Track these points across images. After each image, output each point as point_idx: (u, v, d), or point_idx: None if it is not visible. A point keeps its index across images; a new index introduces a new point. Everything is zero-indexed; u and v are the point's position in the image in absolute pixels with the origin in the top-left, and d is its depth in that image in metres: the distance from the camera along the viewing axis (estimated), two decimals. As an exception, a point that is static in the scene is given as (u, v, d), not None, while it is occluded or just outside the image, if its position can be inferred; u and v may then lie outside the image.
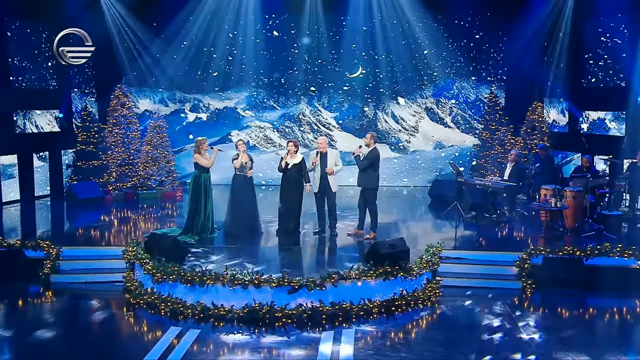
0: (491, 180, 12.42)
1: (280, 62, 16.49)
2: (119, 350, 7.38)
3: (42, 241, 10.03)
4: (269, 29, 16.31)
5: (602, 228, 10.76)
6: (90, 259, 10.12)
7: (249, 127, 16.87)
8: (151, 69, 16.33)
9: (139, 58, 16.09)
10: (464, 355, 7.07)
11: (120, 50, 15.85)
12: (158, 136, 15.37)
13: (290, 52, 16.37)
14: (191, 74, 16.53)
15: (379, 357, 7.10)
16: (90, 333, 7.94)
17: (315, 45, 16.27)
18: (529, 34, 14.84)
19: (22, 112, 14.76)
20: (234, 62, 16.48)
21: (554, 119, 15.50)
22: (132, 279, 9.15)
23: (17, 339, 7.65)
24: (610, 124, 13.67)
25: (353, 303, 8.19)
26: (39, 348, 7.33)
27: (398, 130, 16.75)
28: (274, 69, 16.54)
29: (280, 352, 7.24)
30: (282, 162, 10.65)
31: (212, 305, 8.06)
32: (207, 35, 16.06)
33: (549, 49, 14.92)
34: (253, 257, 9.79)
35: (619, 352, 7.19)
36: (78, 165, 15.12)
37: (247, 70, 16.54)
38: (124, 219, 13.05)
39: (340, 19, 16.15)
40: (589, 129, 14.22)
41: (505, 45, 15.63)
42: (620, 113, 13.40)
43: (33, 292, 9.35)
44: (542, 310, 8.59)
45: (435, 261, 9.52)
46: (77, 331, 7.97)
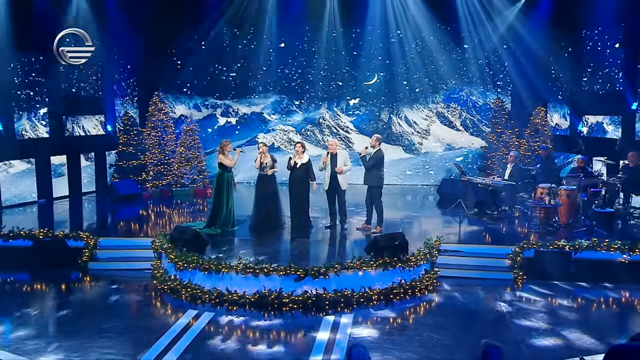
0: (492, 179, 12.44)
1: (302, 71, 16.58)
2: (144, 327, 7.64)
3: (82, 232, 10.25)
4: (292, 40, 16.40)
5: (594, 224, 10.71)
6: (123, 248, 10.29)
7: (274, 130, 16.97)
8: (186, 78, 16.63)
9: (175, 68, 16.40)
10: (455, 338, 7.18)
11: (158, 61, 16.09)
12: (191, 139, 15.55)
13: (311, 62, 16.45)
14: (222, 82, 16.75)
15: (374, 336, 7.30)
16: (120, 312, 8.17)
17: (334, 54, 16.32)
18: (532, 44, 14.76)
19: (71, 117, 14.96)
20: (260, 71, 16.65)
21: (557, 122, 15.33)
22: (158, 267, 9.36)
23: (59, 316, 8.11)
24: (607, 127, 13.52)
25: (354, 291, 8.33)
26: (77, 323, 7.74)
27: (411, 133, 16.71)
28: (296, 77, 16.64)
29: (287, 333, 7.43)
30: (291, 162, 10.79)
31: (227, 291, 8.26)
32: (234, 46, 16.37)
33: (550, 57, 14.78)
34: (266, 248, 9.92)
35: (606, 335, 7.24)
36: (119, 164, 15.32)
37: (272, 78, 16.70)
38: (159, 213, 13.30)
39: (357, 31, 16.20)
40: (588, 132, 14.07)
41: (511, 54, 15.48)
42: (616, 117, 13.27)
43: (73, 278, 9.60)
44: (532, 301, 8.60)
45: (434, 253, 9.60)
46: (109, 310, 8.21)
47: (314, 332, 7.41)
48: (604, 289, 9.05)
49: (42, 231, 10.23)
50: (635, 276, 9.13)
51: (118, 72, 15.91)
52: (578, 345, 6.96)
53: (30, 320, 7.85)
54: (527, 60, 14.96)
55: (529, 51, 14.87)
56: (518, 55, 15.17)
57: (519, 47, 15.08)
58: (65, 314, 8.15)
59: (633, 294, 8.82)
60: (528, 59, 14.94)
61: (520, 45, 15.03)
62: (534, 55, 14.83)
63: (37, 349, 6.87)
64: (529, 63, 14.94)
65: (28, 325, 7.64)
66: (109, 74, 15.59)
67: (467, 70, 16.08)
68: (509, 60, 15.53)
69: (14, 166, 13.76)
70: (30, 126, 14.08)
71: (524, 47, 14.96)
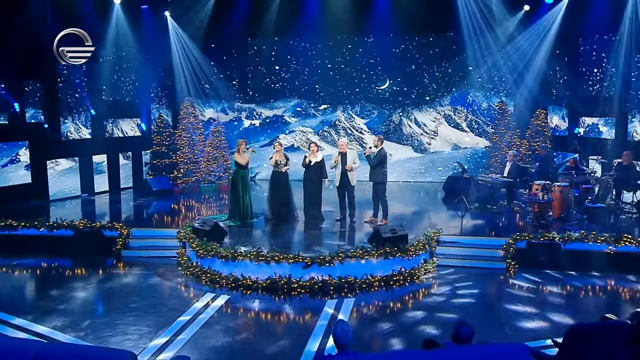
0: (491, 177, 12.50)
1: (319, 77, 16.73)
2: (167, 306, 7.95)
3: (117, 223, 10.57)
4: (310, 49, 16.60)
5: (585, 218, 10.72)
6: (153, 238, 10.58)
7: (294, 132, 17.19)
8: (214, 85, 16.90)
9: (203, 76, 16.62)
10: (447, 319, 7.31)
11: (187, 69, 16.30)
12: (218, 139, 15.79)
13: (327, 68, 16.60)
14: (247, 88, 17.05)
15: (372, 316, 7.52)
16: (147, 294, 8.45)
17: (348, 62, 16.47)
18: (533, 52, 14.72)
19: (110, 120, 15.27)
20: (281, 78, 16.91)
21: (556, 124, 15.25)
22: (183, 254, 9.64)
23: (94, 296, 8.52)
24: (602, 128, 13.44)
25: (357, 277, 8.49)
26: (109, 303, 8.15)
27: (420, 134, 16.77)
28: (314, 83, 16.80)
29: (295, 315, 7.68)
30: (306, 160, 10.95)
31: (242, 277, 8.51)
32: (258, 55, 16.64)
33: (550, 64, 14.72)
34: (280, 239, 10.12)
35: (589, 319, 7.17)
36: (153, 163, 15.56)
37: (292, 84, 16.94)
38: (188, 207, 13.53)
39: (371, 40, 16.32)
40: (585, 133, 14.00)
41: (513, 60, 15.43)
42: (610, 119, 13.19)
43: (108, 264, 9.92)
44: (522, 287, 8.68)
45: (432, 244, 9.74)
46: (138, 292, 8.51)
47: (319, 313, 7.62)
48: (591, 277, 9.07)
49: (82, 222, 10.60)
50: (619, 266, 9.15)
51: (153, 79, 16.19)
52: (561, 327, 6.96)
53: (69, 299, 8.27)
54: (528, 66, 14.89)
55: (529, 58, 14.82)
56: (519, 61, 15.10)
57: (520, 54, 15.01)
58: (99, 295, 8.57)
59: (618, 282, 8.85)
60: (528, 64, 14.88)
61: (521, 52, 14.96)
62: (534, 61, 14.76)
63: (74, 324, 7.27)
64: (530, 68, 14.87)
65: (67, 304, 8.06)
66: (145, 81, 15.86)
67: (472, 75, 16.05)
68: (511, 66, 15.45)
69: (60, 164, 14.18)
70: (75, 128, 14.51)
71: (525, 54, 14.90)
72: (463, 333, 4.69)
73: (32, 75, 13.33)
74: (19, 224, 10.65)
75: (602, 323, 4.82)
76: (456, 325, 4.77)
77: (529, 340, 6.38)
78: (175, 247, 10.03)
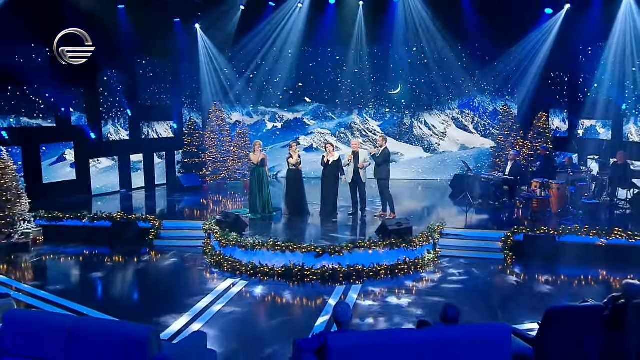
0: (494, 174, 12.52)
1: (336, 83, 16.83)
2: (193, 289, 8.27)
3: (150, 216, 10.91)
4: (328, 58, 16.72)
5: (581, 213, 10.69)
6: (182, 229, 10.83)
7: (313, 133, 17.32)
8: (239, 90, 17.13)
9: (228, 81, 16.86)
10: (443, 301, 7.35)
11: (215, 75, 16.60)
12: (243, 140, 16.14)
13: (344, 75, 16.69)
14: (270, 94, 17.21)
15: (376, 300, 7.66)
16: (176, 279, 8.82)
17: (363, 69, 16.54)
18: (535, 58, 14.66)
19: (146, 123, 15.52)
20: (302, 84, 17.06)
21: (557, 126, 15.11)
22: (208, 244, 9.88)
23: (128, 280, 8.88)
24: (600, 130, 13.31)
25: (364, 266, 8.62)
26: (142, 285, 8.50)
27: (430, 135, 16.77)
28: (332, 88, 16.90)
29: (307, 299, 7.89)
30: (324, 159, 11.06)
31: (260, 265, 8.71)
32: (280, 64, 16.82)
33: (551, 69, 14.61)
34: (295, 230, 10.29)
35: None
36: (185, 161, 15.87)
37: (311, 89, 17.09)
38: (215, 202, 13.75)
39: (384, 48, 16.35)
40: (584, 134, 13.89)
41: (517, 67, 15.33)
42: (607, 121, 13.08)
43: (142, 252, 10.24)
44: (520, 276, 8.76)
45: (435, 236, 9.83)
46: (168, 277, 8.87)
47: (329, 297, 7.81)
48: (584, 267, 9.03)
49: (119, 214, 10.98)
50: (610, 257, 9.16)
51: (184, 85, 16.49)
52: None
53: (106, 282, 8.66)
54: (531, 71, 14.80)
55: (532, 64, 14.73)
56: (522, 67, 15.01)
57: (523, 60, 14.92)
58: (133, 278, 8.92)
59: (609, 272, 8.84)
60: (531, 70, 14.78)
61: (524, 58, 14.88)
62: (536, 67, 14.68)
63: (110, 303, 7.62)
64: (532, 74, 14.78)
65: (105, 286, 8.44)
66: (177, 87, 16.19)
67: (479, 80, 16.01)
68: (515, 71, 15.35)
69: (101, 163, 14.58)
70: (114, 130, 14.90)
71: (527, 60, 14.81)
72: (450, 314, 4.85)
73: (76, 83, 13.74)
74: (65, 216, 11.07)
75: (577, 305, 4.91)
76: (444, 307, 4.93)
77: (518, 324, 6.47)
78: (202, 237, 10.26)
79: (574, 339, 4.61)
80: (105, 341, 4.64)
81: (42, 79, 12.75)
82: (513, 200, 12.34)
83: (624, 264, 9.02)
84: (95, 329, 4.81)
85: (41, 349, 4.82)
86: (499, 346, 4.47)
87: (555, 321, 4.64)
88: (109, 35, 13.66)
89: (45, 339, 4.80)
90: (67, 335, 4.68)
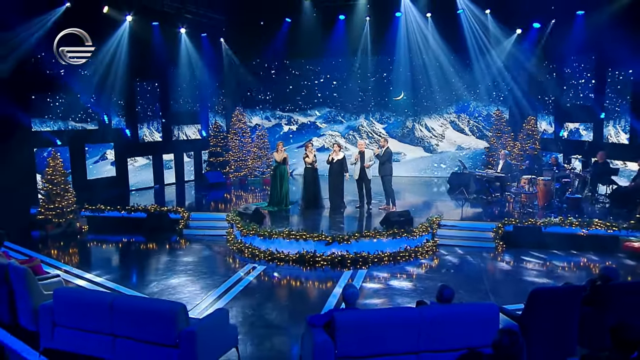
0: (487, 172, 12.46)
1: (345, 90, 16.85)
2: (217, 272, 8.35)
3: (180, 208, 11.01)
4: (337, 66, 16.71)
5: (565, 207, 10.62)
6: (208, 220, 10.88)
7: (324, 135, 17.35)
8: (258, 96, 17.29)
9: (249, 89, 17.04)
10: (440, 284, 7.44)
11: (238, 84, 16.79)
12: (262, 141, 16.19)
13: (353, 83, 16.70)
14: (286, 99, 17.32)
15: (380, 283, 7.69)
16: (202, 264, 8.79)
17: (370, 77, 16.55)
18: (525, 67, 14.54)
19: (177, 126, 15.63)
20: (314, 91, 17.08)
21: (544, 128, 14.98)
22: (230, 233, 9.96)
23: (160, 265, 8.96)
24: (582, 132, 13.17)
25: (369, 253, 8.68)
26: (172, 270, 8.53)
27: (429, 137, 16.70)
28: (341, 95, 16.90)
29: (319, 282, 7.95)
30: (329, 158, 11.09)
31: (276, 251, 8.79)
32: (294, 73, 16.89)
33: (539, 78, 14.45)
34: (309, 221, 10.34)
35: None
36: (210, 160, 15.97)
37: (323, 96, 17.13)
38: (237, 196, 13.76)
39: (388, 59, 16.32)
40: (568, 136, 13.75)
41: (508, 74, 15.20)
42: (589, 124, 12.96)
43: (173, 240, 10.37)
44: (509, 263, 8.74)
45: (434, 227, 9.83)
46: (195, 262, 8.92)
47: (338, 280, 7.89)
48: (567, 255, 9.04)
49: (153, 207, 11.12)
50: (591, 246, 9.12)
51: (210, 92, 16.59)
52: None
53: (142, 266, 8.83)
54: (521, 80, 14.72)
55: (523, 72, 14.63)
56: (514, 75, 14.91)
57: (515, 69, 14.82)
58: (165, 263, 9.03)
59: (589, 260, 8.79)
60: (522, 78, 14.69)
61: (516, 67, 14.77)
62: (527, 75, 14.58)
63: (144, 284, 7.76)
64: (523, 82, 14.69)
65: (140, 269, 8.60)
66: (204, 94, 16.28)
67: (474, 87, 15.90)
68: (507, 79, 15.23)
69: (137, 161, 14.73)
70: (149, 133, 15.05)
71: (519, 69, 14.71)
72: (445, 294, 4.89)
73: (116, 92, 13.91)
74: (106, 208, 11.23)
75: (560, 287, 4.92)
76: (440, 288, 4.97)
77: (507, 304, 6.47)
78: (225, 227, 10.36)
79: (556, 316, 4.62)
80: (141, 316, 4.76)
81: (87, 87, 12.92)
82: (504, 195, 12.28)
83: (603, 252, 9.01)
84: (132, 305, 4.93)
85: (85, 322, 4.96)
86: (488, 323, 4.51)
87: (539, 300, 4.65)
88: (144, 49, 13.82)
89: (89, 312, 4.93)
90: (109, 309, 4.81)
